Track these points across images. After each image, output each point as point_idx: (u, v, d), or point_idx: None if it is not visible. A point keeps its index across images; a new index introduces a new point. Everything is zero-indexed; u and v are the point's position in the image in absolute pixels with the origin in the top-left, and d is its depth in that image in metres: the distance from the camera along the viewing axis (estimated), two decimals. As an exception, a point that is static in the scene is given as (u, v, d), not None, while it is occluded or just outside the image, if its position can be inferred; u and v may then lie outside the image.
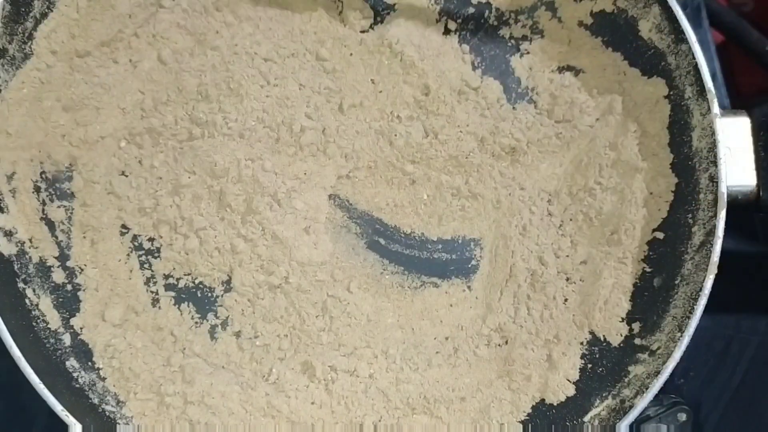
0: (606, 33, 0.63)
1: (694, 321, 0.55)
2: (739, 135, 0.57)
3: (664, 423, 0.64)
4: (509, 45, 0.65)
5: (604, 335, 0.61)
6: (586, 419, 0.59)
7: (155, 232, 0.61)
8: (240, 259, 0.60)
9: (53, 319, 0.59)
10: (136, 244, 0.61)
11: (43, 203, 0.60)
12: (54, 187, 0.60)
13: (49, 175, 0.60)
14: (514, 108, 0.64)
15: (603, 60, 0.63)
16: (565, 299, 0.62)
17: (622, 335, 0.61)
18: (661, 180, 0.61)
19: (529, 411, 0.61)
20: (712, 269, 0.55)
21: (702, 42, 0.62)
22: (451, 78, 0.63)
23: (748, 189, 0.57)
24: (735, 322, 0.74)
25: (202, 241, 0.60)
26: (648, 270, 0.61)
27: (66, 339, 0.59)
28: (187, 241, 0.60)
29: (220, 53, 0.60)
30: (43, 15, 0.58)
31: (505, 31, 0.65)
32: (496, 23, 0.65)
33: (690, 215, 0.59)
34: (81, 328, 0.60)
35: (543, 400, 0.61)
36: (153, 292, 0.61)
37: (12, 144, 0.58)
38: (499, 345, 0.62)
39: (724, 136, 0.56)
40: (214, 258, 0.60)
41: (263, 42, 0.61)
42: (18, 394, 0.66)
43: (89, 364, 0.59)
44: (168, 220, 0.60)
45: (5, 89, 0.57)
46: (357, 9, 0.63)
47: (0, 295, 0.56)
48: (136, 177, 0.60)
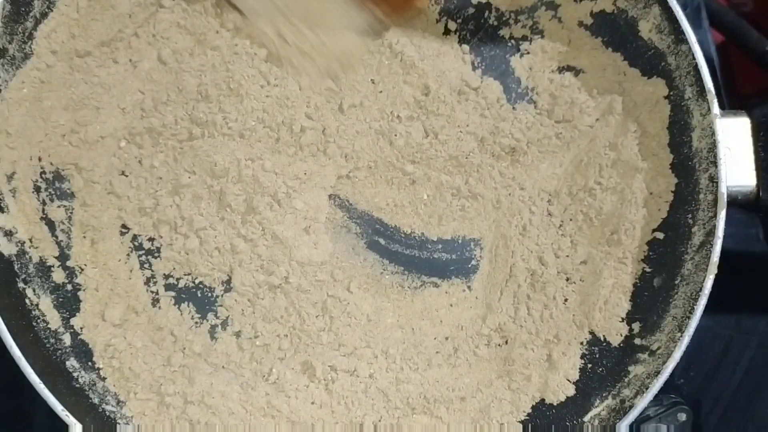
0: (606, 33, 0.63)
1: (694, 321, 0.55)
2: (739, 135, 0.57)
3: (664, 423, 0.64)
4: (509, 45, 0.65)
5: (604, 335, 0.61)
6: (586, 419, 0.59)
7: (155, 232, 0.61)
8: (240, 259, 0.60)
9: (53, 319, 0.59)
10: (136, 244, 0.61)
11: (43, 203, 0.60)
12: (54, 187, 0.60)
13: (49, 175, 0.60)
14: (514, 108, 0.64)
15: (603, 60, 0.63)
16: (565, 299, 0.62)
17: (622, 335, 0.61)
18: (661, 180, 0.61)
19: (529, 411, 0.61)
20: (712, 269, 0.55)
21: (702, 42, 0.62)
22: (451, 78, 0.63)
23: (748, 189, 0.57)
24: (735, 322, 0.74)
25: (202, 241, 0.60)
26: (648, 270, 0.61)
27: (66, 339, 0.59)
28: (187, 241, 0.60)
29: (220, 53, 0.60)
30: (43, 15, 0.58)
31: (505, 31, 0.65)
32: (496, 23, 0.65)
33: (690, 215, 0.59)
34: (81, 328, 0.60)
35: (543, 400, 0.61)
36: (153, 292, 0.61)
37: (12, 144, 0.58)
38: (499, 345, 0.62)
39: (724, 136, 0.56)
40: (214, 258, 0.60)
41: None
42: (18, 394, 0.66)
43: (89, 364, 0.59)
44: (168, 220, 0.60)
45: (5, 89, 0.57)
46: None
47: (0, 295, 0.56)
48: (136, 177, 0.60)
